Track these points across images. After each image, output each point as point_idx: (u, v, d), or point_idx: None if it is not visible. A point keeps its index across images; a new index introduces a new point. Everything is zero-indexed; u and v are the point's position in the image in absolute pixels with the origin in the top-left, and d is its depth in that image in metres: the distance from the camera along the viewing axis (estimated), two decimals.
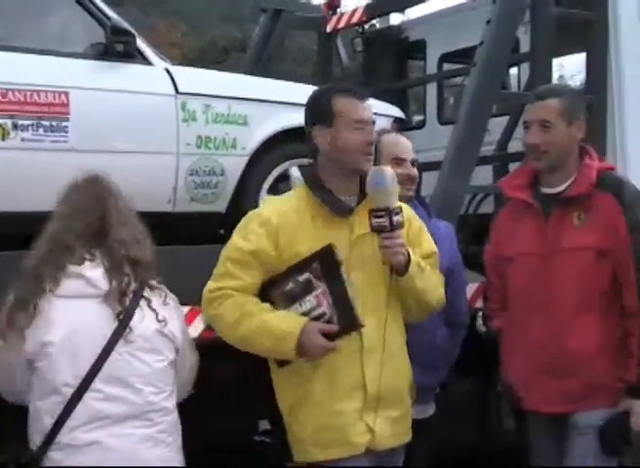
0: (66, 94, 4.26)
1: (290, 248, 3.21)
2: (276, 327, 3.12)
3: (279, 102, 4.91)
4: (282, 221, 3.23)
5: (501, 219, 3.96)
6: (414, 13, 7.57)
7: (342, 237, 3.24)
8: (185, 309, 3.71)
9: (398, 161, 3.85)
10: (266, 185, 4.90)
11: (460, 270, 4.11)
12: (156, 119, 4.53)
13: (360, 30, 7.64)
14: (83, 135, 4.30)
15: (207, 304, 3.26)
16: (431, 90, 7.37)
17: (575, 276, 3.65)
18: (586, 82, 5.45)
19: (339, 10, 7.52)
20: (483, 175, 5.79)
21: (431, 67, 7.37)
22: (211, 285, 3.26)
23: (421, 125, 7.41)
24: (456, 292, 3.96)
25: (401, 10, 7.45)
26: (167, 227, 4.53)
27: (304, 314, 3.15)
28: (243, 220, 3.33)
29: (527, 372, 3.75)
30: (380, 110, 5.37)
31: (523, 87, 5.69)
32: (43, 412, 2.91)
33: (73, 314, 2.93)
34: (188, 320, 3.79)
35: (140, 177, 4.39)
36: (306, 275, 3.15)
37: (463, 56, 7.33)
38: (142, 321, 3.01)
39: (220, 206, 4.77)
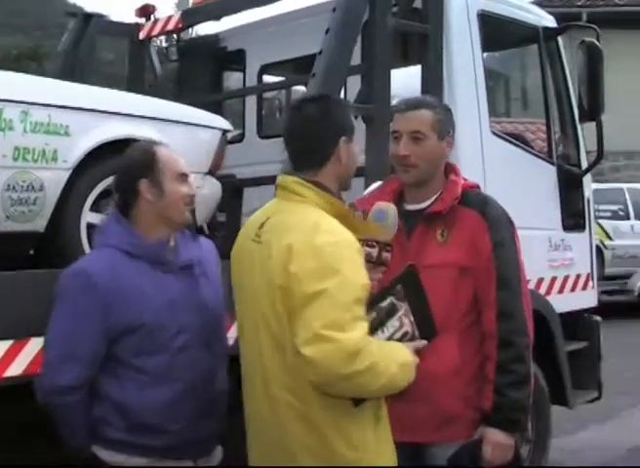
0: None
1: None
2: (407, 361, 3.02)
3: (104, 112, 4.48)
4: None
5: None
6: (232, 22, 7.25)
7: None
8: (7, 344, 3.41)
9: (184, 177, 3.50)
10: (89, 202, 4.44)
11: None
12: None
13: (175, 38, 7.33)
14: None
15: (354, 359, 2.83)
16: (251, 102, 7.09)
17: (437, 294, 3.43)
18: (422, 93, 5.32)
19: (152, 16, 7.15)
20: None
21: (251, 79, 7.09)
22: (351, 336, 2.83)
23: (240, 139, 7.11)
24: None
25: (218, 18, 7.12)
26: None
27: (388, 339, 3.09)
28: (335, 251, 2.93)
29: None
30: (206, 122, 5.09)
31: (355, 100, 5.47)
32: None
33: None
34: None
35: None
36: (389, 299, 3.13)
37: (284, 67, 7.16)
38: None
39: (39, 225, 4.28)
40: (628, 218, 16.93)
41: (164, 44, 7.57)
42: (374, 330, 3.04)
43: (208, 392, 3.42)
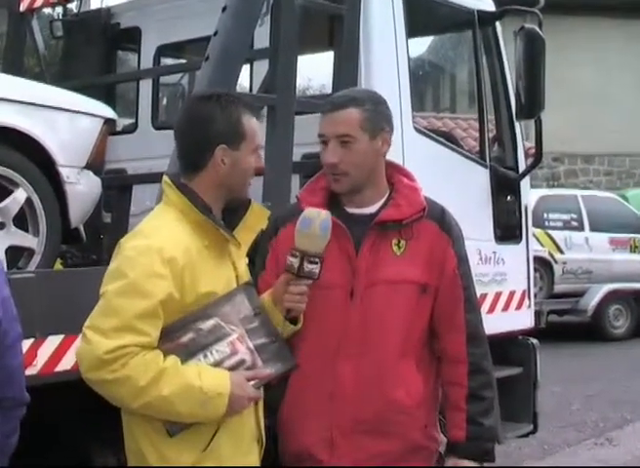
0: None
1: (193, 290, 3.16)
2: (202, 387, 3.06)
3: None
4: (187, 259, 3.14)
5: (284, 241, 3.59)
6: None
7: (230, 271, 3.33)
8: None
9: None
10: None
11: (12, 321, 3.02)
12: None
13: (62, 12, 7.25)
14: None
15: (101, 366, 3.00)
16: (146, 87, 7.01)
17: (396, 313, 3.52)
18: (334, 83, 5.32)
19: None
20: None
21: (146, 61, 7.01)
22: (106, 343, 2.99)
23: (132, 129, 7.04)
24: (6, 351, 3.01)
25: None
26: None
27: (214, 365, 3.13)
28: (132, 255, 3.12)
29: (332, 432, 3.53)
30: (86, 109, 5.04)
31: (259, 88, 5.47)
32: None
33: None
34: None
35: None
36: (213, 321, 3.12)
37: (185, 49, 7.11)
38: None
39: None
40: (582, 229, 16.98)
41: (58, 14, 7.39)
42: (191, 353, 3.11)
43: None
